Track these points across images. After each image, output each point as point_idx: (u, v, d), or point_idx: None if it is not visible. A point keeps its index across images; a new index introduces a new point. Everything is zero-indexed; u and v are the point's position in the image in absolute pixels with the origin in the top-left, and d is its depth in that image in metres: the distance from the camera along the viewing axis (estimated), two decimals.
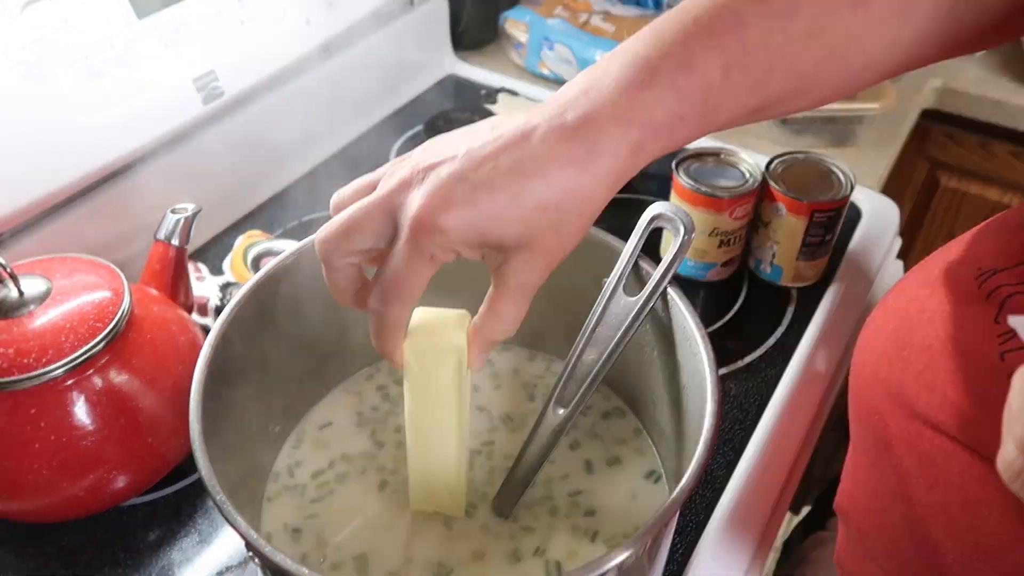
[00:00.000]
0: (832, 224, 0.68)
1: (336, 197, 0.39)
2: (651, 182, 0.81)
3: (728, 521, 0.55)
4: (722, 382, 0.62)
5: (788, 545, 0.74)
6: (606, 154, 0.33)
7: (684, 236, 0.44)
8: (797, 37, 0.33)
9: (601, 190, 0.34)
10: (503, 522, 0.48)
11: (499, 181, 0.33)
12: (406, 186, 0.34)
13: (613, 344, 0.44)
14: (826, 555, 0.62)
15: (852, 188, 0.68)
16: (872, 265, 0.76)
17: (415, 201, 0.34)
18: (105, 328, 0.50)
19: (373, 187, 0.37)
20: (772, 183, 0.68)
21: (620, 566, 0.35)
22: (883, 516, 0.40)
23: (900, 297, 0.42)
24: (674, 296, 0.44)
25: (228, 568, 0.52)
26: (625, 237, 0.47)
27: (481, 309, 0.39)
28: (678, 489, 0.36)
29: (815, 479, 0.77)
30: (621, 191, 0.36)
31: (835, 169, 0.70)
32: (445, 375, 0.41)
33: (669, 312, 0.45)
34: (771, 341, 0.68)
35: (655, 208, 0.46)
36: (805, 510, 0.81)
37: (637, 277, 0.46)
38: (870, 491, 0.41)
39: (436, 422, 0.43)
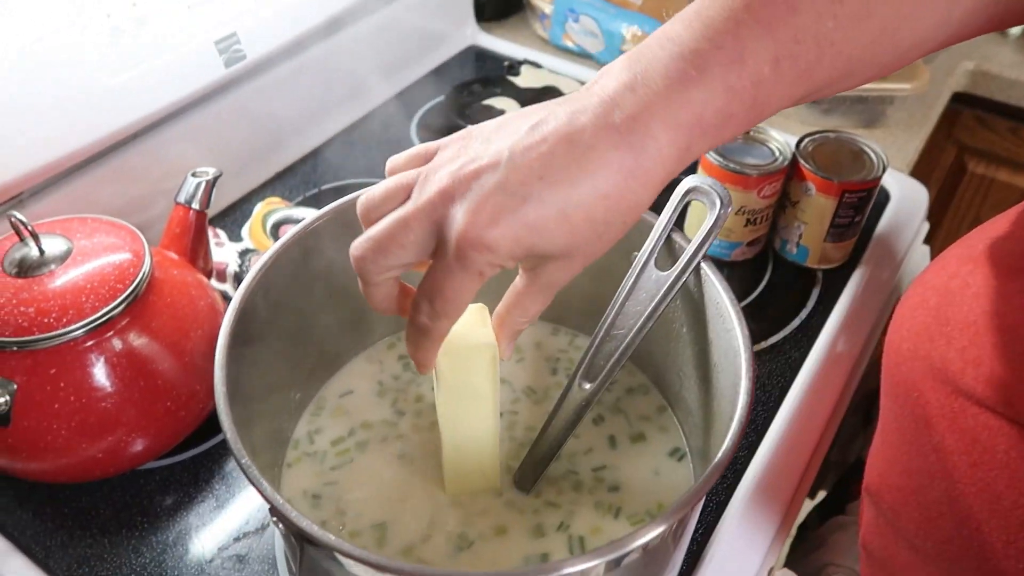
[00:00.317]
0: (862, 205, 0.67)
1: (366, 201, 0.36)
2: None
3: (749, 503, 0.54)
4: None
5: (803, 529, 0.73)
6: (655, 160, 0.32)
7: (720, 210, 0.43)
8: (847, 21, 0.32)
9: (647, 197, 0.33)
10: (526, 496, 0.47)
11: (547, 194, 0.31)
12: (448, 198, 0.32)
13: (643, 319, 0.43)
14: (846, 539, 0.62)
15: (884, 169, 0.66)
16: (900, 249, 0.75)
17: (460, 216, 0.32)
18: (126, 290, 0.50)
19: (407, 191, 0.35)
20: (802, 162, 0.67)
21: (645, 546, 0.34)
22: (919, 495, 0.39)
23: (940, 274, 0.41)
24: (708, 271, 0.43)
25: (245, 534, 0.51)
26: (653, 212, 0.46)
27: (507, 301, 0.38)
28: (712, 466, 0.35)
29: (832, 464, 0.76)
30: None
31: (867, 149, 0.69)
32: (480, 372, 0.40)
33: (702, 287, 0.44)
34: (795, 323, 0.67)
35: (690, 181, 0.45)
36: (820, 495, 0.80)
37: (669, 252, 0.45)
38: (903, 470, 0.41)
39: (473, 416, 0.42)
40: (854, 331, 0.67)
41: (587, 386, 0.45)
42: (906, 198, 0.79)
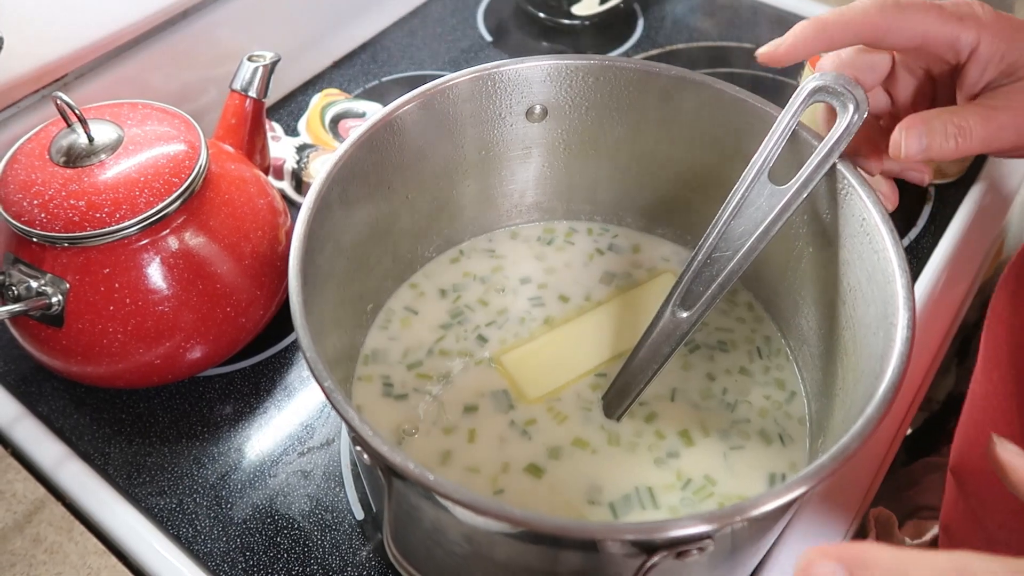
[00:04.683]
0: None
1: None
2: None
3: None
4: None
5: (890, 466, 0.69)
6: None
7: (854, 115, 0.37)
8: None
9: None
10: (615, 424, 0.43)
11: None
12: None
13: (753, 240, 0.38)
14: (942, 481, 0.57)
15: None
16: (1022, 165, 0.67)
17: None
18: (182, 185, 0.45)
19: None
20: None
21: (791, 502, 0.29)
22: None
23: None
24: (853, 182, 0.37)
25: (310, 448, 0.49)
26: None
27: None
28: (877, 400, 0.30)
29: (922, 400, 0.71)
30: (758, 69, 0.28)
31: None
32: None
33: (837, 200, 0.38)
34: (903, 243, 0.61)
35: (818, 79, 0.39)
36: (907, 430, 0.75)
37: (787, 161, 0.39)
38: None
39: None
40: (968, 255, 0.61)
41: (683, 314, 0.40)
42: None
